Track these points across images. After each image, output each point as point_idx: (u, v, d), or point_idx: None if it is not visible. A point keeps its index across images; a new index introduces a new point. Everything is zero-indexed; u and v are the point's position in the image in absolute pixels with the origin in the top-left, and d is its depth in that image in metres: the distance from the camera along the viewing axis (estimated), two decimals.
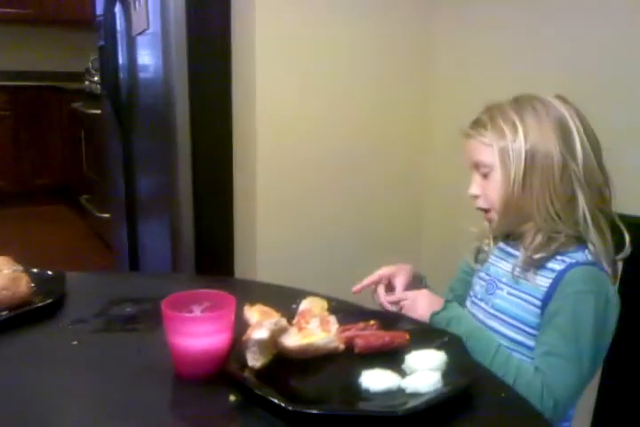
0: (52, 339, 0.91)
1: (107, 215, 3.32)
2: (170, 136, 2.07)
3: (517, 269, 0.97)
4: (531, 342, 0.95)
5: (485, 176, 0.99)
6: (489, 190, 0.99)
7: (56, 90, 4.26)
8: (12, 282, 0.93)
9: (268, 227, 1.97)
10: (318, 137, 1.96)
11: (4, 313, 0.92)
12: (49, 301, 0.96)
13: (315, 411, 0.69)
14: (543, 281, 0.94)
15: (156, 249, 2.46)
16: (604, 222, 0.96)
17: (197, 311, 0.80)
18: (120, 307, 0.98)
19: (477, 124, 1.00)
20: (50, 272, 1.04)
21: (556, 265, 0.94)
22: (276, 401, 0.69)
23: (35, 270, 1.02)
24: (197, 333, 0.76)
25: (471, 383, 0.76)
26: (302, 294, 0.96)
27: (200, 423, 0.73)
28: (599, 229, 0.95)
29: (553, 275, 0.93)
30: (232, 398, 0.74)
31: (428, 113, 2.08)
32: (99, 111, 3.25)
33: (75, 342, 0.89)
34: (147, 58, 2.22)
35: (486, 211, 1.02)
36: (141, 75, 2.32)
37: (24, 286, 0.95)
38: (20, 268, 0.99)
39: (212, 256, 2.19)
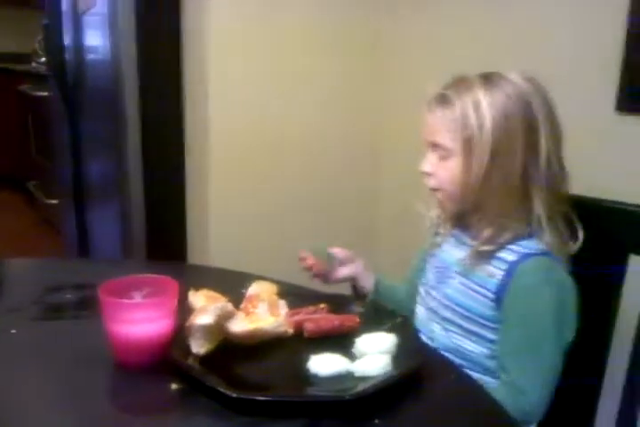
0: None
1: (55, 201, 3.21)
2: (119, 119, 2.00)
3: (467, 260, 0.95)
4: (487, 333, 0.93)
5: (442, 158, 0.95)
6: (442, 172, 0.96)
7: (3, 71, 4.08)
8: None
9: (221, 211, 1.93)
10: (273, 118, 1.93)
11: None
12: None
13: (260, 397, 0.67)
14: (495, 272, 0.92)
15: (106, 235, 2.39)
16: (560, 221, 0.94)
17: (138, 297, 0.76)
18: (59, 294, 0.94)
19: (444, 102, 0.93)
20: None
21: (507, 255, 0.92)
22: (220, 389, 0.67)
23: None
24: (137, 319, 0.72)
25: (421, 366, 0.75)
26: (251, 278, 0.94)
27: (141, 412, 0.70)
28: (554, 230, 0.93)
29: (505, 266, 0.91)
30: (174, 386, 0.71)
31: (384, 97, 2.06)
32: (46, 93, 3.13)
33: (13, 331, 0.85)
34: (94, 38, 2.14)
35: (435, 190, 0.99)
36: (89, 55, 2.23)
37: None
38: None
39: (164, 242, 2.13)
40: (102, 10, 1.97)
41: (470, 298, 0.95)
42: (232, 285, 0.91)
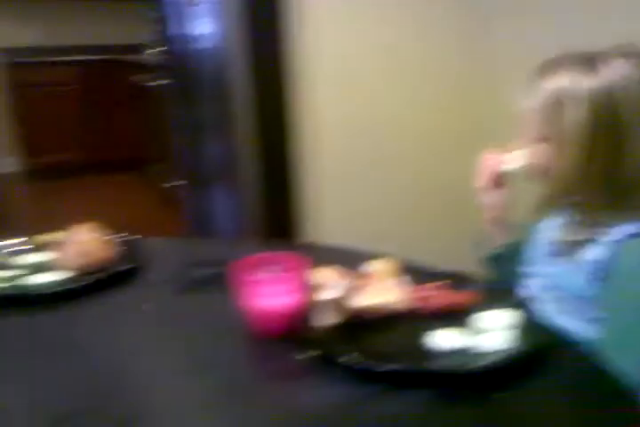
0: (134, 300, 0.97)
1: (174, 184, 3.42)
2: (231, 103, 2.10)
3: (569, 240, 0.94)
4: (584, 312, 0.92)
5: (549, 148, 0.92)
6: (547, 159, 0.93)
7: (119, 63, 4.35)
8: (98, 247, 0.99)
9: (335, 192, 1.99)
10: (384, 109, 1.95)
11: (90, 276, 0.98)
12: (131, 265, 1.01)
13: (386, 368, 0.71)
14: (596, 253, 0.90)
15: (224, 216, 2.53)
16: None
17: (269, 273, 0.82)
18: (196, 270, 1.03)
19: (538, 89, 0.91)
20: (131, 238, 1.09)
21: (608, 236, 0.90)
22: (348, 359, 0.72)
23: (117, 237, 1.07)
24: (270, 293, 0.79)
25: (541, 344, 0.76)
26: (372, 256, 0.98)
27: (274, 379, 0.77)
28: None
29: (608, 246, 0.89)
30: (304, 355, 0.77)
31: (493, 91, 2.02)
32: (162, 82, 3.32)
33: (154, 303, 0.94)
34: (205, 26, 2.24)
35: (540, 179, 0.97)
36: (201, 44, 2.34)
37: (109, 250, 1.00)
38: (106, 234, 1.04)
39: (279, 222, 2.23)
40: (213, 5, 2.06)
41: (572, 276, 0.93)
42: (354, 262, 0.95)
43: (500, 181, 1.08)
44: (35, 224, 1.35)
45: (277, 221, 2.23)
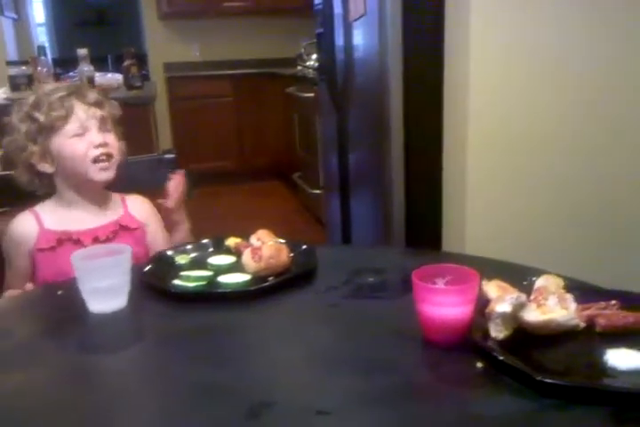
0: (309, 302, 1.06)
1: (317, 191, 3.57)
2: (383, 115, 2.17)
3: None
4: None
5: None
6: None
7: (271, 76, 4.61)
8: (277, 252, 1.09)
9: (477, 205, 1.99)
10: (532, 119, 1.92)
11: (271, 279, 1.08)
12: (306, 269, 1.11)
13: (566, 382, 0.73)
14: None
15: (366, 223, 2.61)
16: None
17: (441, 284, 0.87)
18: (364, 276, 1.10)
19: None
20: (304, 245, 1.18)
21: None
22: (526, 370, 0.75)
23: (290, 243, 1.18)
24: (445, 302, 0.83)
25: None
26: (535, 272, 0.99)
27: (449, 385, 0.81)
28: None
29: None
30: (479, 364, 0.81)
31: None
32: (312, 94, 3.49)
33: (329, 306, 1.02)
34: (362, 41, 2.34)
35: None
36: (357, 58, 2.44)
37: (285, 255, 1.11)
38: (282, 240, 1.15)
39: (421, 231, 2.26)
40: (371, 14, 2.15)
41: None
42: (515, 277, 0.97)
43: None
44: (197, 225, 1.52)
45: (421, 230, 2.26)
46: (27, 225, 1.33)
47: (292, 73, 4.25)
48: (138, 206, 1.43)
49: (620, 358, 0.78)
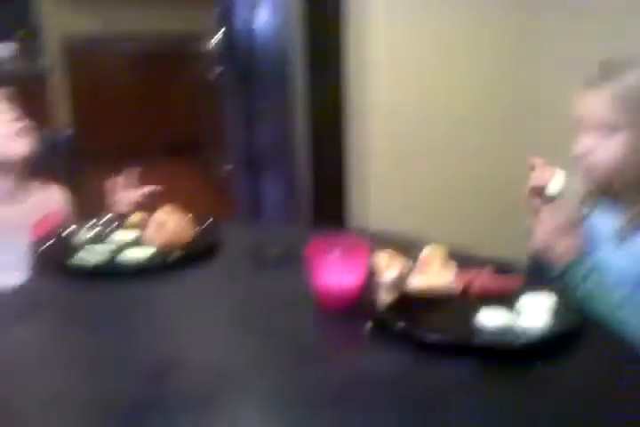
0: (213, 275, 1.10)
1: (228, 167, 3.56)
2: (288, 91, 2.21)
3: (622, 229, 1.02)
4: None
5: (603, 137, 1.00)
6: (602, 152, 1.01)
7: (178, 51, 4.50)
8: (181, 226, 1.12)
9: (380, 177, 2.09)
10: (430, 92, 2.03)
11: (175, 252, 1.11)
12: (210, 243, 1.14)
13: (439, 339, 0.82)
14: None
15: (275, 200, 2.65)
16: None
17: (337, 254, 0.94)
18: (266, 250, 1.15)
19: (606, 79, 1.00)
20: (209, 220, 1.22)
21: None
22: (406, 331, 0.83)
23: (195, 218, 1.20)
24: (337, 271, 0.90)
25: (579, 324, 0.86)
26: (423, 242, 1.08)
27: (341, 345, 0.89)
28: None
29: None
30: (367, 326, 0.88)
31: (533, 91, 2.08)
32: (219, 71, 3.45)
33: (232, 279, 1.07)
34: (266, 20, 2.35)
35: (590, 170, 1.04)
36: (261, 36, 2.45)
37: (189, 230, 1.14)
38: (187, 215, 1.18)
39: (328, 204, 2.34)
40: None
41: (626, 260, 1.02)
42: (406, 247, 1.06)
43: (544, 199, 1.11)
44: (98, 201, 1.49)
45: (327, 206, 2.34)
46: None
47: (198, 49, 4.17)
48: (51, 195, 1.39)
49: (488, 318, 0.88)
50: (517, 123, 2.16)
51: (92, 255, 1.09)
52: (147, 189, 1.45)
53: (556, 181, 1.09)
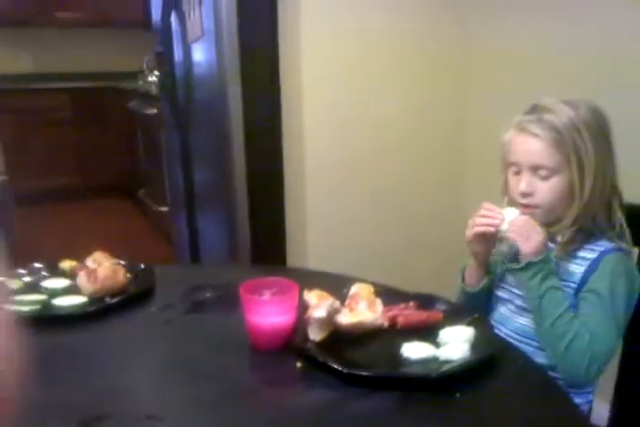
0: (145, 320, 1.11)
1: (164, 208, 3.56)
2: (224, 130, 2.25)
3: (554, 259, 1.09)
4: None
5: (543, 178, 1.07)
6: (543, 191, 1.08)
7: (112, 89, 4.51)
8: (113, 273, 1.13)
9: (316, 218, 2.14)
10: (363, 130, 2.10)
11: (107, 299, 1.12)
12: (143, 288, 1.16)
13: (365, 373, 0.86)
14: (577, 269, 1.08)
15: (213, 240, 2.66)
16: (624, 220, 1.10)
17: (268, 295, 0.98)
18: (200, 293, 1.17)
19: (540, 125, 1.06)
20: (142, 265, 1.23)
21: (587, 254, 1.08)
22: (334, 366, 0.87)
23: (127, 264, 1.22)
24: (269, 312, 0.94)
25: (494, 352, 0.92)
26: (351, 280, 1.13)
27: (273, 383, 0.92)
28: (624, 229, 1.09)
29: (586, 263, 1.07)
30: (298, 364, 0.92)
31: (465, 109, 2.20)
32: (154, 111, 3.48)
33: (165, 323, 1.09)
34: (201, 58, 2.41)
35: (531, 207, 1.10)
36: (197, 76, 2.51)
37: (122, 276, 1.15)
38: (118, 261, 1.19)
39: (266, 247, 2.37)
40: (209, 36, 2.23)
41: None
42: (335, 285, 1.11)
43: (491, 236, 1.13)
44: (33, 248, 1.47)
45: (266, 244, 2.37)
46: None
47: (134, 87, 4.19)
48: None
49: (412, 350, 0.93)
50: (451, 153, 2.26)
51: (24, 304, 1.08)
52: None
53: (509, 219, 1.09)
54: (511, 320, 1.16)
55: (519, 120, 1.11)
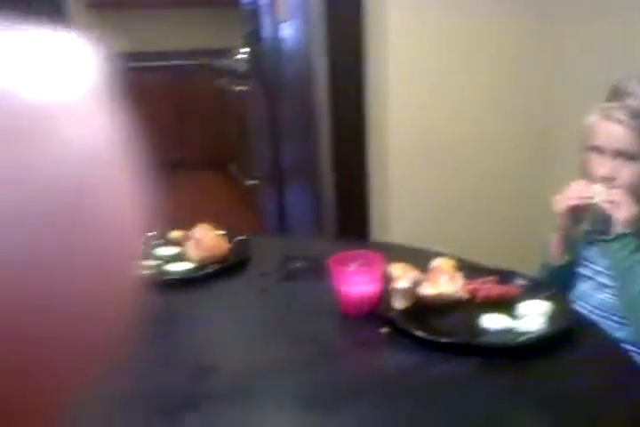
0: (244, 286, 1.23)
1: (254, 182, 3.71)
2: (311, 106, 2.33)
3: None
4: None
5: (626, 162, 1.11)
6: (626, 175, 1.12)
7: (205, 67, 4.69)
8: (218, 242, 1.26)
9: (399, 192, 2.20)
10: (448, 101, 2.11)
11: (211, 266, 1.25)
12: (242, 258, 1.28)
13: (445, 340, 0.94)
14: None
15: (300, 213, 2.78)
16: None
17: (353, 267, 1.06)
18: (292, 263, 1.28)
19: (628, 112, 1.09)
20: (240, 237, 1.35)
21: None
22: (417, 332, 0.95)
23: (228, 234, 1.34)
24: (356, 282, 1.03)
25: (571, 326, 0.97)
26: (434, 255, 1.20)
27: (361, 346, 1.02)
28: None
29: None
30: (384, 330, 1.01)
31: (552, 104, 2.17)
32: (245, 87, 3.61)
33: (262, 290, 1.20)
34: (290, 36, 2.49)
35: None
36: (286, 53, 2.59)
37: (224, 245, 1.27)
38: (222, 232, 1.31)
39: (351, 220, 2.46)
40: (298, 13, 2.30)
41: None
42: (419, 259, 1.18)
43: (580, 210, 1.17)
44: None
45: (350, 219, 2.46)
46: None
47: (226, 65, 4.35)
48: None
49: (491, 321, 1.00)
50: (537, 131, 2.25)
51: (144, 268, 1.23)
52: None
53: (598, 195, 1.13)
54: (593, 296, 1.20)
55: (602, 106, 1.13)
